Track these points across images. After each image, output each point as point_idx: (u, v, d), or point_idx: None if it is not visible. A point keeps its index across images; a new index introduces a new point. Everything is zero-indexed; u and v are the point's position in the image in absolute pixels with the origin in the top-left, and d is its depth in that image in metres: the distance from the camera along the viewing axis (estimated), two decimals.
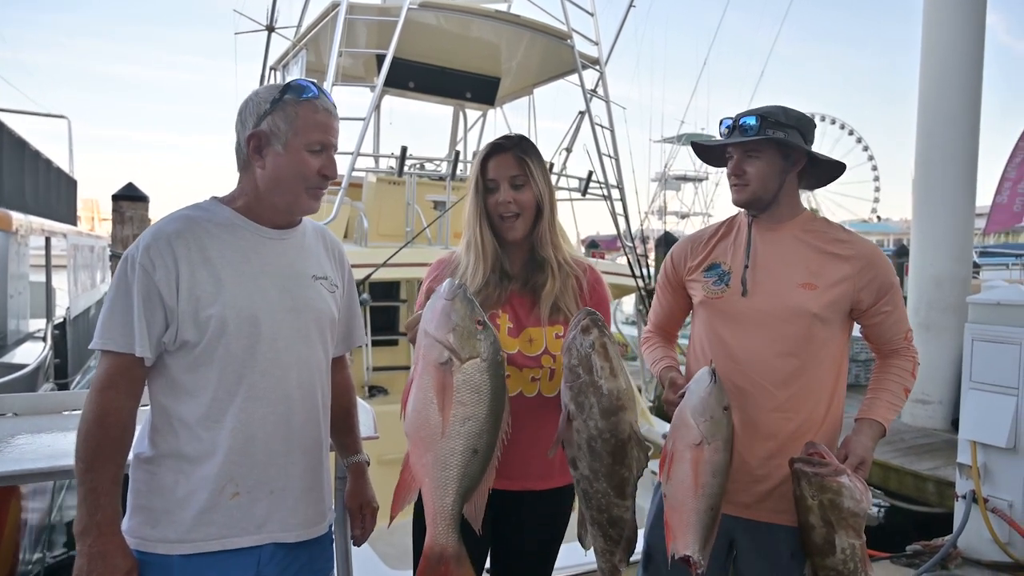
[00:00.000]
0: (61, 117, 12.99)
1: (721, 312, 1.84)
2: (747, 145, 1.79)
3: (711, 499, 1.59)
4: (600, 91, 7.10)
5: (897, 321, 1.84)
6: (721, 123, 1.86)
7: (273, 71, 7.93)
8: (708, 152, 1.93)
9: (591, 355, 1.43)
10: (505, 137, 1.79)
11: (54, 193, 10.80)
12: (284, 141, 1.43)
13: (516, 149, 1.74)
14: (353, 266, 1.77)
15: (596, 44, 7.04)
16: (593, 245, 15.66)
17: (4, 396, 2.31)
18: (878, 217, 55.05)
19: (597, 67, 7.06)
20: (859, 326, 1.89)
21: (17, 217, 6.32)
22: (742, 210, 1.90)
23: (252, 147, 1.45)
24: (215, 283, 1.40)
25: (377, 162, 7.20)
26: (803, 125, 1.80)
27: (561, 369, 1.64)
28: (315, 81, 1.49)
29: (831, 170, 1.87)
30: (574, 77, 6.83)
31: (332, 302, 1.58)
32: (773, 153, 1.78)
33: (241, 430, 1.40)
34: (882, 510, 5.62)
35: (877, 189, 53.16)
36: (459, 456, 1.34)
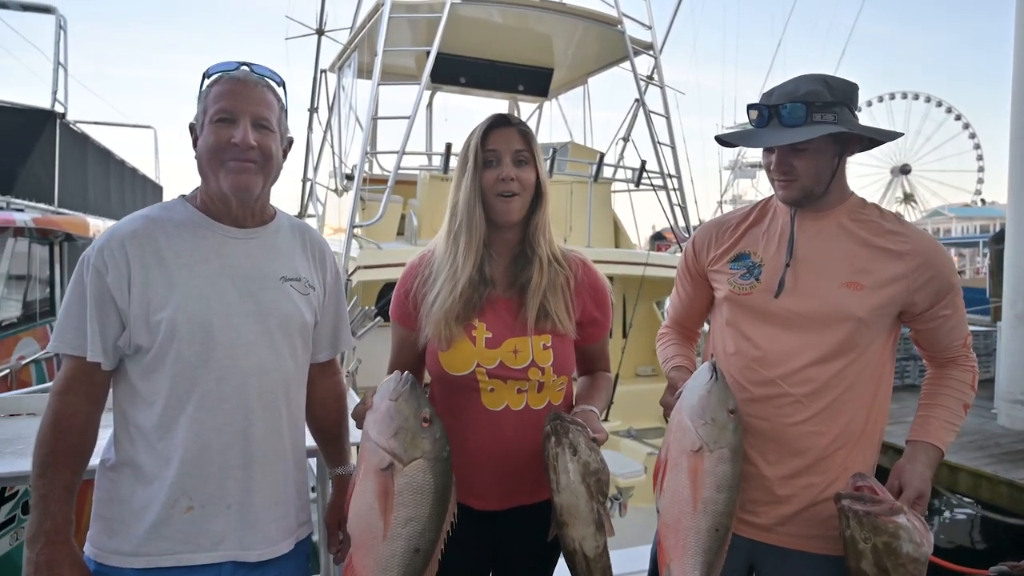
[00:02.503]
0: (147, 127, 13.75)
1: (748, 310, 1.62)
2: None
3: (715, 517, 1.41)
4: (656, 78, 6.84)
5: (955, 327, 1.59)
6: (750, 109, 1.57)
7: (324, 74, 8.08)
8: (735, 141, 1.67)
9: (547, 463, 1.43)
10: (507, 114, 1.66)
11: (140, 199, 11.47)
12: (200, 125, 1.41)
13: (521, 125, 1.61)
14: (404, 264, 1.71)
15: (649, 28, 6.79)
16: (658, 237, 15.19)
17: (21, 397, 2.44)
18: (982, 201, 51.19)
19: (651, 52, 6.80)
20: (908, 329, 1.63)
21: (94, 222, 6.72)
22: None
23: (192, 144, 1.43)
24: (167, 285, 1.35)
25: (430, 159, 7.20)
26: (849, 97, 1.54)
27: (549, 382, 1.58)
28: (244, 61, 1.45)
29: (885, 136, 1.61)
30: (628, 64, 6.61)
31: (304, 305, 1.50)
32: (823, 139, 1.51)
33: (194, 440, 1.34)
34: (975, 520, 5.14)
35: (981, 180, 49.43)
36: (400, 557, 1.34)
